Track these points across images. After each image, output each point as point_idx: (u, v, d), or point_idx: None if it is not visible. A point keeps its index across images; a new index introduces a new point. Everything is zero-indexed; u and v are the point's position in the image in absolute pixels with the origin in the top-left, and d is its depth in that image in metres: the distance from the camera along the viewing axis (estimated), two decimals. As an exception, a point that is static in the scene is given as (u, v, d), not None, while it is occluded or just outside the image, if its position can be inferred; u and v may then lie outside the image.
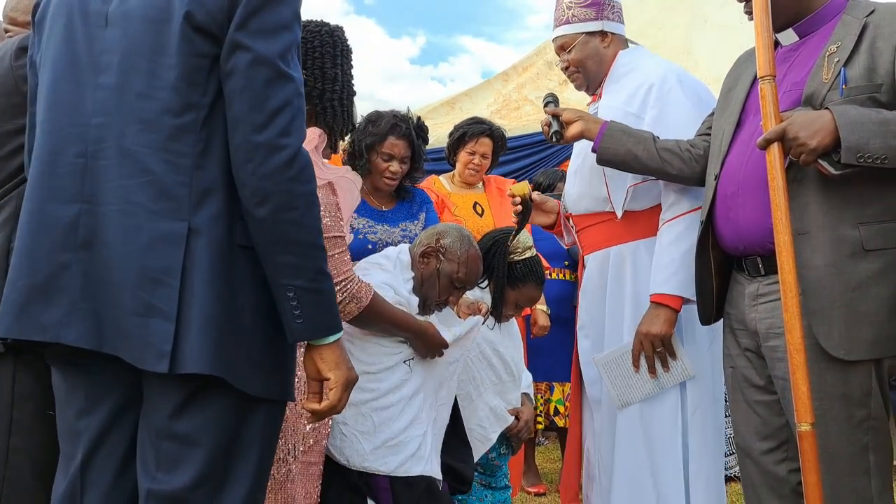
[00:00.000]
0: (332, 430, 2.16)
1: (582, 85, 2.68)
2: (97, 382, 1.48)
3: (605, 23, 2.60)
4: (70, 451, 1.50)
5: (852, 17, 1.98)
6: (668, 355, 2.42)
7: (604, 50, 2.61)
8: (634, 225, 2.53)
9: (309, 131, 1.95)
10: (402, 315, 2.23)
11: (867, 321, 1.88)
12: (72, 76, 1.48)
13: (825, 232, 1.91)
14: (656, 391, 2.47)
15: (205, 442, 1.41)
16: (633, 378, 2.49)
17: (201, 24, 1.40)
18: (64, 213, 1.43)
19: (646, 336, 2.40)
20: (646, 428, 2.48)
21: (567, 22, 2.62)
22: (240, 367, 1.40)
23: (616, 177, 2.51)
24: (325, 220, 1.97)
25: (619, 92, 2.57)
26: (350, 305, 2.05)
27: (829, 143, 1.81)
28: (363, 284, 2.08)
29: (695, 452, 2.45)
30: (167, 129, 1.40)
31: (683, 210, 2.42)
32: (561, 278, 4.37)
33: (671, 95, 2.48)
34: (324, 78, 2.05)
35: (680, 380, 2.46)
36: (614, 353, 2.53)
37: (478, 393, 2.65)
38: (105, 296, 1.40)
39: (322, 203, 1.97)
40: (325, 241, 1.94)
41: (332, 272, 1.96)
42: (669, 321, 2.38)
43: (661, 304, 2.39)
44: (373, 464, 2.17)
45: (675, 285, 2.36)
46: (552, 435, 5.32)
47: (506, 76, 7.50)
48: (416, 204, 3.12)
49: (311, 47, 2.05)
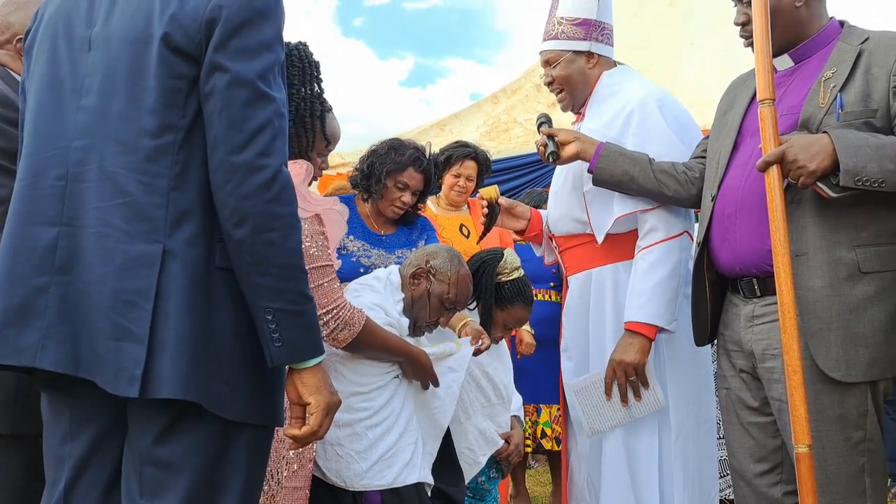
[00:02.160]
0: (325, 453, 2.14)
1: (567, 104, 2.68)
2: (81, 407, 1.45)
3: (593, 44, 2.60)
4: (54, 478, 1.47)
5: (847, 45, 2.02)
6: (641, 384, 2.41)
7: (589, 70, 2.61)
8: (615, 248, 2.53)
9: (295, 164, 1.94)
10: (396, 340, 2.22)
11: (864, 343, 1.90)
12: (55, 100, 1.47)
13: (822, 254, 1.92)
14: (627, 420, 2.46)
15: (188, 468, 1.37)
16: (604, 406, 2.48)
17: (179, 45, 1.38)
18: (43, 235, 1.41)
19: (619, 364, 2.39)
20: (629, 451, 2.48)
21: (555, 37, 2.62)
22: (217, 392, 1.37)
23: (598, 202, 2.51)
24: (313, 251, 1.96)
25: (601, 115, 2.58)
26: (343, 332, 2.04)
27: (827, 165, 1.83)
28: (355, 311, 2.07)
29: (677, 481, 2.43)
30: (144, 151, 1.38)
31: (659, 238, 2.42)
32: (546, 299, 4.36)
33: (651, 121, 2.48)
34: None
35: (652, 409, 2.45)
36: (587, 380, 2.52)
37: (467, 416, 2.63)
38: (82, 319, 1.37)
39: (309, 233, 1.96)
40: (314, 272, 1.94)
41: (322, 301, 1.96)
42: (643, 350, 2.38)
43: (636, 332, 2.38)
44: (372, 481, 2.16)
45: (649, 313, 2.36)
46: (542, 458, 5.28)
47: (495, 98, 7.53)
48: (417, 231, 3.10)
49: None
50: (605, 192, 2.46)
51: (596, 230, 2.52)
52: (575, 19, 2.59)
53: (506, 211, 2.79)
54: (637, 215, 2.46)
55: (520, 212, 2.81)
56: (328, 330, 2.01)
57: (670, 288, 2.37)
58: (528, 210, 2.83)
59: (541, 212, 2.91)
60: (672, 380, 2.47)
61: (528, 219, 2.81)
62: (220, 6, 1.38)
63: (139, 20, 1.41)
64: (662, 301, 2.35)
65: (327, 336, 2.02)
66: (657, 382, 2.44)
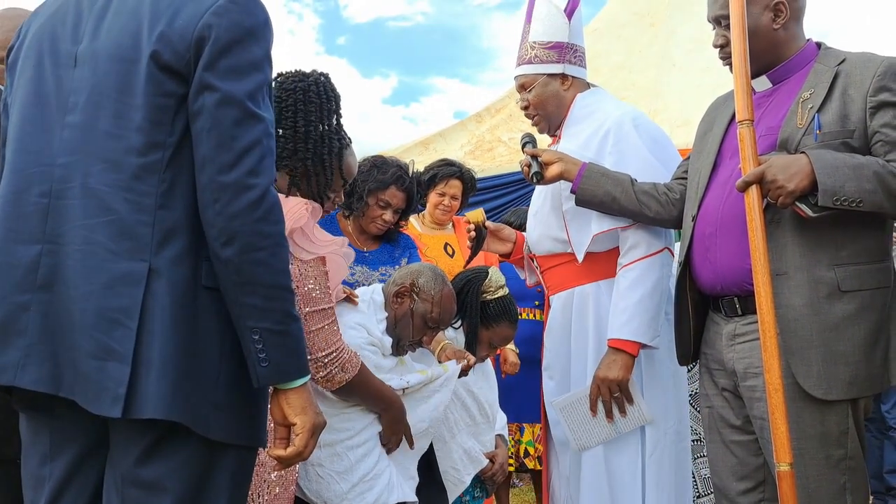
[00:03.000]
0: (306, 473, 2.12)
1: (543, 127, 2.71)
2: (61, 427, 1.43)
3: (567, 66, 2.63)
4: (33, 499, 1.45)
5: (824, 66, 2.04)
6: (626, 400, 2.43)
7: (563, 92, 2.64)
8: (595, 266, 2.55)
9: (297, 205, 1.92)
10: (383, 389, 2.21)
11: (844, 361, 1.91)
12: (39, 116, 1.45)
13: (802, 273, 1.94)
14: (613, 436, 2.47)
15: (171, 489, 1.36)
16: (590, 422, 2.49)
17: (168, 63, 1.38)
18: (25, 253, 1.40)
19: (603, 381, 2.40)
20: (609, 470, 2.48)
21: (529, 62, 2.65)
22: (202, 412, 1.36)
23: (577, 220, 2.53)
24: (315, 293, 1.95)
25: (577, 136, 2.60)
26: (340, 375, 2.03)
27: (806, 185, 1.85)
28: (352, 355, 2.06)
29: (651, 495, 2.44)
30: (131, 169, 1.37)
31: (640, 255, 2.44)
32: (531, 318, 4.36)
33: (627, 140, 2.51)
34: (295, 137, 2.03)
35: (637, 425, 2.47)
36: (572, 397, 2.53)
37: (451, 435, 2.62)
38: (64, 337, 1.36)
39: (312, 275, 1.95)
40: (315, 315, 1.94)
41: (321, 344, 1.96)
42: (627, 366, 2.39)
43: (619, 349, 2.40)
44: (353, 502, 2.14)
45: (632, 330, 2.38)
46: (526, 477, 5.26)
47: (479, 117, 7.56)
48: (400, 248, 3.10)
49: (284, 106, 2.03)
50: (583, 210, 2.49)
51: (576, 248, 2.54)
52: (547, 43, 2.63)
53: (492, 234, 2.81)
54: (618, 233, 2.48)
55: (506, 235, 2.83)
56: (325, 372, 1.99)
57: (652, 304, 2.39)
58: (514, 234, 2.85)
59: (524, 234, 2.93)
60: (649, 396, 2.48)
61: (514, 242, 2.83)
62: (210, 25, 1.38)
63: (127, 37, 1.41)
64: (645, 318, 2.37)
65: (323, 378, 2.00)
66: (642, 398, 2.45)
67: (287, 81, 2.07)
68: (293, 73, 2.11)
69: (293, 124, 2.02)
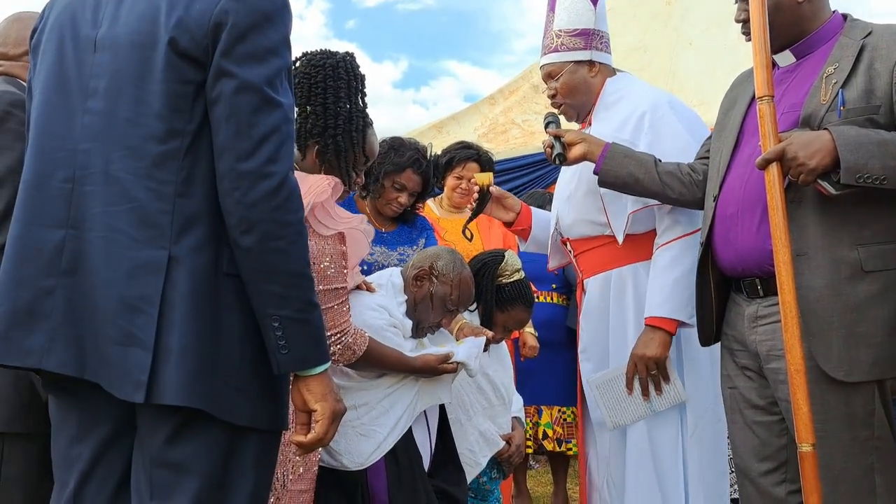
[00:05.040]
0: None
1: (571, 115, 2.70)
2: (90, 409, 1.45)
3: (594, 52, 2.63)
4: (63, 479, 1.47)
5: (849, 39, 1.99)
6: (662, 378, 2.44)
7: (591, 79, 2.64)
8: (634, 248, 2.55)
9: (320, 181, 1.93)
10: (399, 358, 2.22)
11: (866, 342, 1.88)
12: (61, 101, 1.46)
13: (824, 253, 1.91)
14: (648, 414, 2.49)
15: (198, 470, 1.37)
16: (625, 400, 2.50)
17: (186, 50, 1.38)
18: (49, 238, 1.41)
19: (640, 358, 2.41)
20: (653, 449, 2.50)
21: (556, 50, 2.65)
22: (224, 398, 1.37)
23: (615, 203, 2.52)
24: (330, 272, 1.95)
25: (611, 119, 2.59)
26: (344, 356, 2.05)
27: (828, 163, 1.81)
28: (358, 335, 2.07)
29: (693, 474, 2.46)
30: (151, 156, 1.37)
31: (677, 234, 2.45)
32: (549, 301, 4.36)
33: (664, 122, 2.51)
34: (325, 114, 2.04)
35: (673, 403, 2.48)
36: (608, 375, 2.54)
37: (467, 417, 2.63)
38: (88, 322, 1.37)
39: (328, 253, 1.95)
40: (327, 293, 1.94)
41: (329, 323, 1.95)
42: (664, 344, 2.40)
43: (657, 326, 2.41)
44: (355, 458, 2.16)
45: (671, 308, 2.39)
46: (543, 458, 5.27)
47: (492, 100, 7.52)
48: (417, 230, 3.11)
49: (314, 82, 2.04)
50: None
51: (615, 230, 2.54)
52: (574, 30, 2.62)
53: (496, 200, 2.80)
54: (655, 213, 2.49)
55: (510, 203, 2.82)
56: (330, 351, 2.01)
57: (690, 283, 2.37)
58: (519, 203, 2.84)
59: (542, 211, 2.91)
60: (689, 376, 2.50)
61: (518, 212, 2.82)
62: (227, 11, 1.37)
63: (145, 23, 1.40)
64: (683, 296, 2.37)
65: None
66: (678, 377, 2.46)
67: (316, 58, 2.08)
68: (320, 51, 2.12)
69: (323, 101, 2.04)
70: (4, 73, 2.21)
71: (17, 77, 2.20)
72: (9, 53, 2.22)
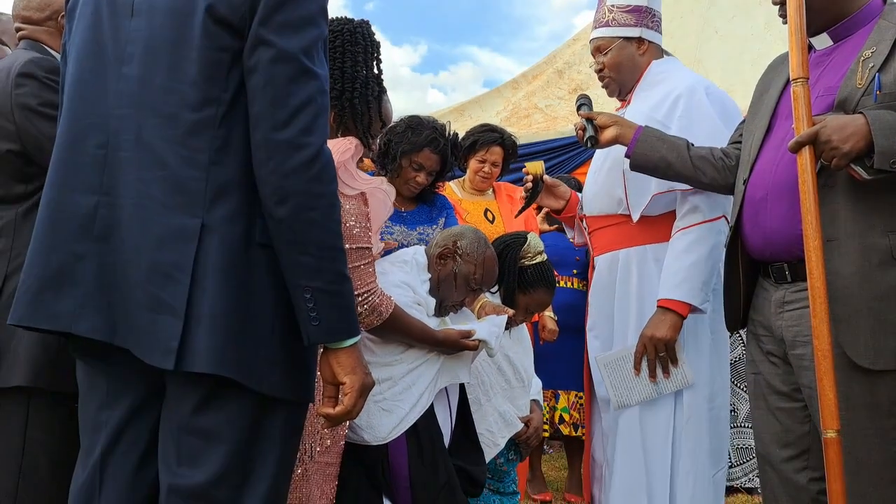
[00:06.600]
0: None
1: (613, 90, 2.70)
2: (119, 375, 1.46)
3: (644, 30, 2.62)
4: (90, 444, 1.48)
5: (888, 22, 1.96)
6: (670, 361, 2.44)
7: (639, 57, 2.64)
8: (647, 229, 2.54)
9: (343, 141, 1.93)
10: (422, 328, 2.22)
11: (894, 331, 1.86)
12: (96, 65, 1.45)
13: (854, 240, 1.88)
14: (654, 396, 2.49)
15: (226, 438, 1.38)
16: (632, 381, 2.50)
17: (223, 17, 1.37)
18: (82, 203, 1.41)
19: (650, 339, 2.42)
20: (643, 431, 2.50)
21: (607, 25, 2.65)
22: (253, 367, 1.37)
23: (637, 181, 2.51)
24: (355, 231, 1.95)
25: (648, 99, 2.59)
26: (370, 317, 2.05)
27: (862, 147, 1.79)
28: (385, 297, 2.07)
29: (684, 458, 2.45)
30: (186, 124, 1.37)
31: (698, 220, 2.44)
32: (569, 286, 4.35)
33: (699, 107, 2.49)
34: (343, 78, 2.04)
35: (679, 387, 2.47)
36: (616, 355, 2.55)
37: (487, 398, 2.64)
38: (119, 288, 1.38)
39: (353, 213, 1.95)
40: (353, 252, 1.93)
41: (356, 283, 1.95)
42: (675, 326, 2.40)
43: (669, 308, 2.40)
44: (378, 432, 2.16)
45: (685, 292, 2.39)
46: (557, 444, 5.29)
47: (515, 84, 7.49)
48: (437, 209, 3.10)
49: (332, 47, 2.04)
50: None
51: (632, 208, 2.53)
52: (626, 6, 2.61)
53: (548, 188, 2.81)
54: (678, 196, 2.48)
55: (561, 192, 2.83)
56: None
57: (706, 269, 2.39)
58: (569, 192, 2.85)
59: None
60: (690, 362, 2.48)
61: (567, 200, 2.83)
62: None
63: None
64: (698, 281, 2.37)
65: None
66: (686, 360, 2.46)
67: (334, 24, 2.08)
68: (338, 17, 2.13)
69: (341, 65, 2.04)
70: (28, 38, 2.19)
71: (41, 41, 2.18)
72: (32, 17, 2.21)
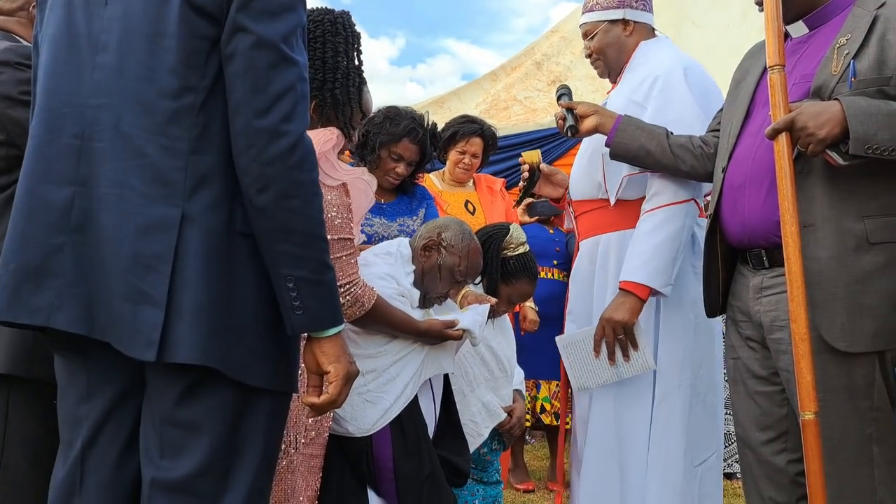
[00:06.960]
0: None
1: (604, 73, 2.71)
2: (99, 368, 1.44)
3: (627, 11, 2.61)
4: (70, 438, 1.46)
5: (863, 10, 1.98)
6: (630, 344, 2.42)
7: (625, 38, 2.63)
8: (625, 214, 2.54)
9: (324, 131, 1.92)
10: (405, 319, 2.22)
11: (870, 314, 1.89)
12: (70, 55, 1.43)
13: (830, 224, 1.91)
14: (613, 379, 2.48)
15: (209, 429, 1.37)
16: (591, 363, 2.49)
17: (201, 4, 1.36)
18: (58, 195, 1.39)
19: (608, 322, 2.41)
20: (618, 418, 2.50)
21: (591, 10, 2.66)
22: (237, 357, 1.36)
23: (613, 165, 2.51)
24: (337, 221, 1.95)
25: (629, 81, 2.59)
26: (353, 308, 2.04)
27: (837, 133, 1.81)
28: (367, 288, 2.06)
29: (656, 445, 2.45)
30: (164, 113, 1.35)
31: (664, 202, 2.43)
32: (550, 277, 4.38)
33: (674, 89, 2.49)
34: (324, 68, 2.03)
35: (639, 372, 2.46)
36: (577, 336, 2.55)
37: (470, 388, 2.65)
38: (97, 280, 1.36)
39: (335, 203, 1.94)
40: (335, 243, 1.92)
41: (338, 274, 1.93)
42: (634, 310, 2.39)
43: (629, 291, 2.39)
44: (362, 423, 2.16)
45: (645, 274, 2.37)
46: (539, 433, 5.32)
47: (494, 76, 7.48)
48: (417, 200, 3.10)
49: (313, 37, 2.03)
50: None
51: (609, 191, 2.54)
52: None
53: (545, 177, 2.80)
54: (648, 178, 2.47)
55: (559, 180, 2.82)
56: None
57: (670, 252, 2.37)
58: (567, 179, 2.83)
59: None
60: (663, 346, 2.48)
61: (566, 187, 2.82)
62: None
63: None
64: (660, 264, 2.36)
65: None
66: (647, 345, 2.44)
67: (314, 14, 2.07)
68: (318, 7, 2.12)
69: (322, 55, 2.03)
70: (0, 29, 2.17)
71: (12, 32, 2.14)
72: (3, 7, 2.16)
